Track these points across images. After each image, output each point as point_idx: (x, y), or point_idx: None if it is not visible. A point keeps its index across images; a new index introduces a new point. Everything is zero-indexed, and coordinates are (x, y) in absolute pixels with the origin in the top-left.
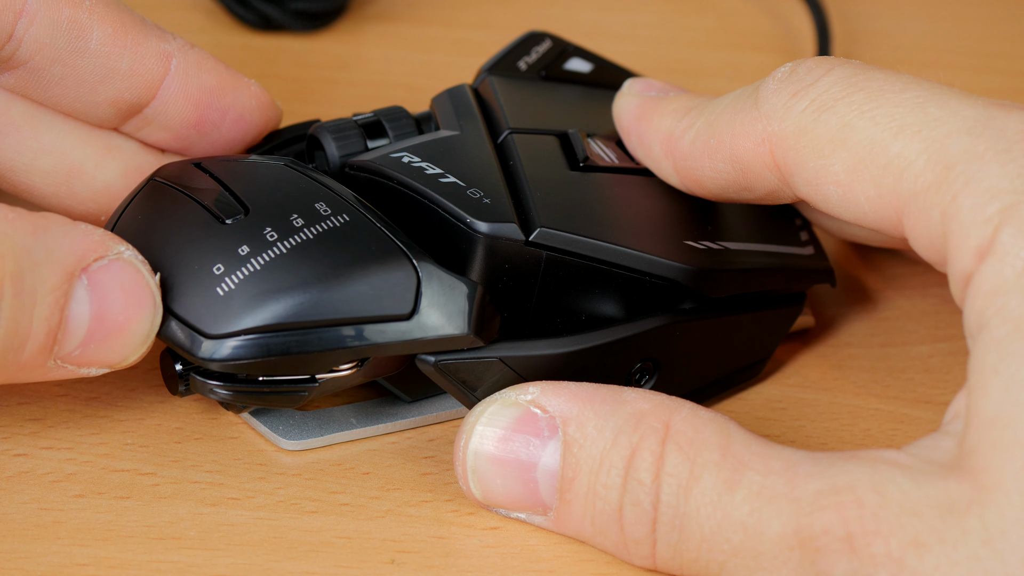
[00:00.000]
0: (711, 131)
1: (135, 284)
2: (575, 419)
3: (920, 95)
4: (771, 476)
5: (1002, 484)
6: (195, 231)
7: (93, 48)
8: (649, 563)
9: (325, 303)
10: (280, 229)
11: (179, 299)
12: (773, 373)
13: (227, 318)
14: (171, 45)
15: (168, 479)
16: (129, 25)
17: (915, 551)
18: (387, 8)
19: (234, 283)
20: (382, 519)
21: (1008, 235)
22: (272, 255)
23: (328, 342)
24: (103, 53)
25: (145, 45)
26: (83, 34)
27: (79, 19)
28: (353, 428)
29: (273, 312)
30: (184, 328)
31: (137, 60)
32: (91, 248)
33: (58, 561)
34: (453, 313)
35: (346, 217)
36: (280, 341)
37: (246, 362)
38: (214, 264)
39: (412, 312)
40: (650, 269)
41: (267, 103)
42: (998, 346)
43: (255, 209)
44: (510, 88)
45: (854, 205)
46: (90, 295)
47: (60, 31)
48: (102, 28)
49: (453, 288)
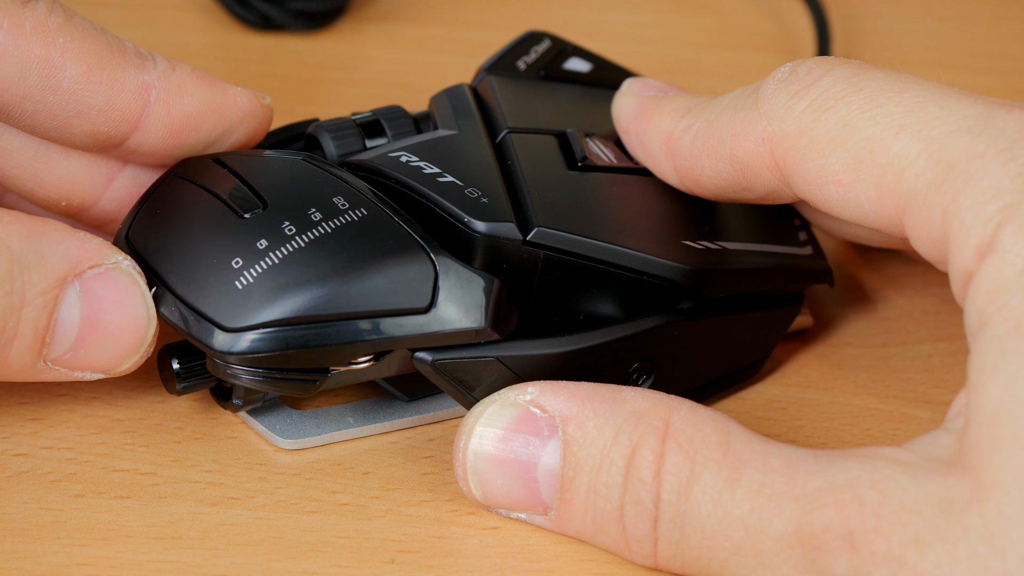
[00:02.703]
0: (711, 131)
1: (129, 293)
2: (575, 418)
3: (920, 94)
4: (771, 474)
5: (1002, 481)
6: (213, 225)
7: (66, 86)
8: (651, 562)
9: (343, 296)
10: (298, 223)
11: (197, 292)
12: (773, 373)
13: (245, 311)
14: (150, 75)
15: (168, 479)
16: (105, 59)
17: (915, 548)
18: (387, 8)
19: (252, 277)
20: (382, 519)
21: (1009, 233)
22: (290, 249)
23: (346, 335)
24: (77, 90)
25: (122, 79)
26: (55, 72)
27: (51, 58)
28: (351, 427)
29: (291, 305)
30: (202, 321)
31: (113, 95)
32: (86, 255)
33: (58, 561)
34: (470, 307)
35: (364, 211)
36: (298, 334)
37: (264, 355)
38: (232, 258)
39: (430, 306)
40: (648, 269)
41: (254, 112)
42: (999, 344)
43: (273, 203)
44: (509, 88)
45: (854, 205)
46: (82, 301)
47: (30, 70)
48: (76, 66)
49: (470, 282)
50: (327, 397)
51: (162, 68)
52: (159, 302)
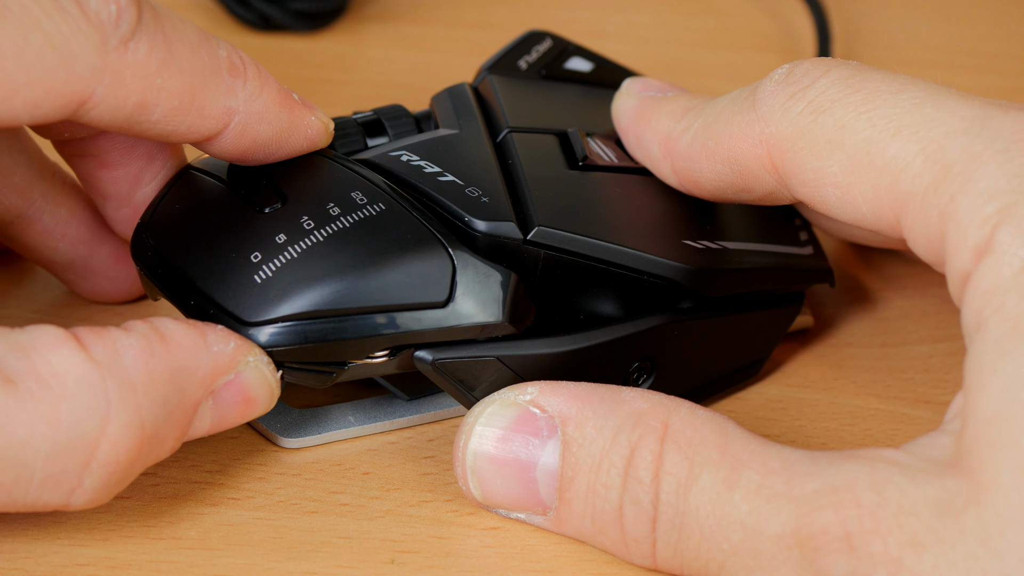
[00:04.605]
0: (709, 132)
1: (256, 391)
2: (574, 419)
3: (917, 96)
4: (770, 475)
5: (999, 483)
6: (232, 220)
7: (155, 119)
8: (649, 562)
9: (361, 291)
10: (317, 218)
11: (217, 287)
12: (773, 373)
13: (265, 305)
14: (237, 99)
15: (168, 479)
16: (198, 89)
17: (913, 550)
18: (387, 8)
19: (271, 271)
20: (382, 519)
21: (1006, 234)
22: (309, 243)
23: (364, 329)
24: (163, 122)
25: (209, 107)
26: (146, 111)
27: (146, 101)
28: (351, 426)
29: (310, 299)
30: (222, 315)
31: (197, 123)
32: (219, 371)
33: (58, 561)
34: (488, 301)
35: (382, 206)
36: (317, 328)
37: (283, 348)
38: (252, 252)
39: (448, 300)
40: (648, 268)
41: (318, 141)
42: (996, 345)
43: (292, 198)
44: (510, 87)
45: (852, 206)
46: (212, 412)
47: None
48: (168, 103)
49: (488, 276)
50: (327, 396)
51: (251, 89)
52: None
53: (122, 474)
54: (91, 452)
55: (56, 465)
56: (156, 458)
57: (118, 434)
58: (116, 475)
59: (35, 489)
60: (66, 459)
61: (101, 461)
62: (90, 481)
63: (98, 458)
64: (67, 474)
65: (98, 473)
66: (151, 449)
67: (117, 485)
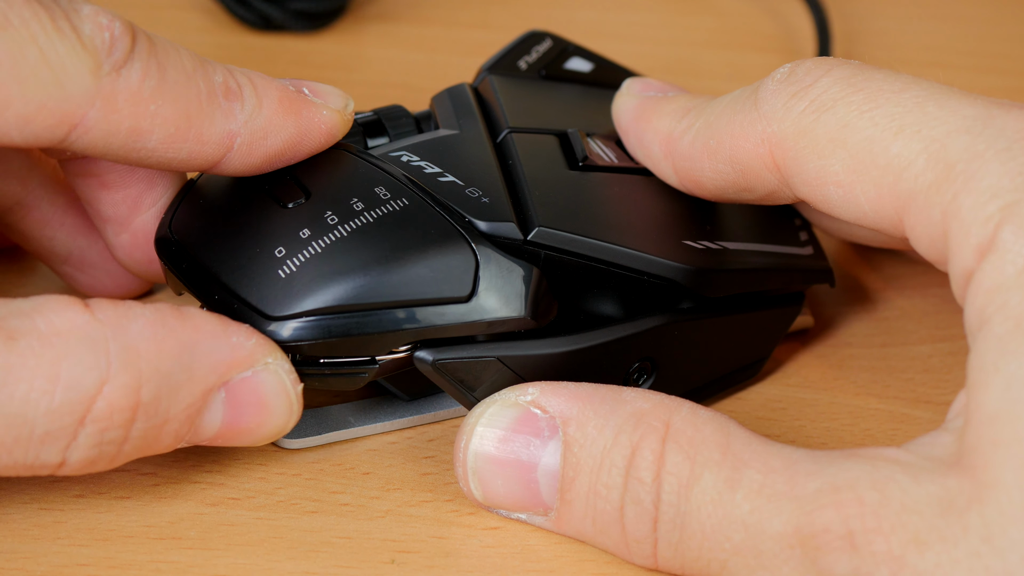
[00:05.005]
0: (710, 132)
1: (274, 394)
2: (575, 419)
3: (919, 94)
4: (771, 475)
5: (1002, 481)
6: (256, 215)
7: (151, 146)
8: (651, 562)
9: (385, 285)
10: (341, 213)
11: (241, 281)
12: (773, 373)
13: (289, 299)
14: (236, 122)
15: (168, 479)
16: (194, 115)
17: (916, 549)
18: (387, 8)
19: (296, 265)
20: (382, 519)
21: (1009, 233)
22: (333, 238)
23: (388, 324)
24: (161, 149)
25: (208, 132)
26: (141, 138)
27: (140, 127)
28: (351, 427)
29: (334, 294)
30: (246, 309)
31: (197, 150)
32: (237, 363)
33: (58, 561)
34: (511, 296)
35: (405, 201)
36: (341, 322)
37: (307, 343)
38: (276, 247)
39: (471, 295)
40: (648, 269)
41: (336, 130)
42: (999, 343)
43: (316, 193)
44: (510, 87)
45: (854, 205)
46: (225, 406)
47: (116, 138)
48: (164, 129)
49: (511, 271)
50: (327, 397)
51: (249, 109)
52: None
53: (116, 435)
54: (87, 408)
55: (55, 421)
56: (158, 439)
57: (115, 394)
58: (109, 434)
59: (35, 447)
60: (64, 415)
61: (95, 416)
62: (84, 437)
63: (93, 413)
64: (64, 430)
65: (91, 429)
66: (149, 419)
67: (111, 449)
